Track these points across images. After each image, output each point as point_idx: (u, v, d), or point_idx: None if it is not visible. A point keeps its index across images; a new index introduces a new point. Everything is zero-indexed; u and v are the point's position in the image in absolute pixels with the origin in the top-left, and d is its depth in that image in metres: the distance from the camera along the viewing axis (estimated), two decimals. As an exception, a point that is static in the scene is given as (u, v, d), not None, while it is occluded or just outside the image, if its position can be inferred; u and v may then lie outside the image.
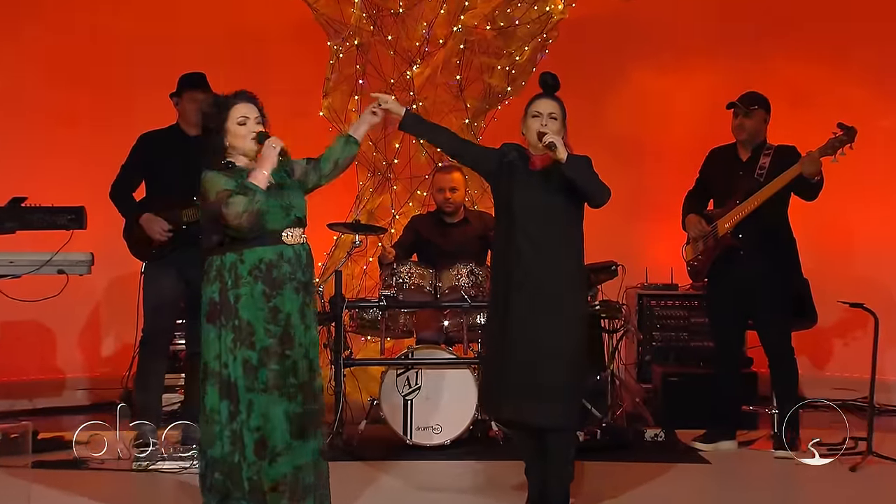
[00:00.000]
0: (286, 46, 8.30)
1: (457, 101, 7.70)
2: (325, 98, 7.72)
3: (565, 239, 4.84)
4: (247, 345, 4.48)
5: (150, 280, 6.24)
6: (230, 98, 4.61)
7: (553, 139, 4.72)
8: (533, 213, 4.81)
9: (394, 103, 4.92)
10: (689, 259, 6.46)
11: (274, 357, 4.48)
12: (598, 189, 4.79)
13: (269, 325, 4.49)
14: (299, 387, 4.51)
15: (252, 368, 4.48)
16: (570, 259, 4.85)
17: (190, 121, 6.27)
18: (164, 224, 6.15)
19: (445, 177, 6.97)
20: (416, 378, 6.35)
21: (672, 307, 7.74)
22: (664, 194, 7.79)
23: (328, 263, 7.46)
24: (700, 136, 7.35)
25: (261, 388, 4.47)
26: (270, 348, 4.48)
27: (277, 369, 4.48)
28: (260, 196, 4.44)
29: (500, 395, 4.81)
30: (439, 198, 6.99)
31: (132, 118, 7.25)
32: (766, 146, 6.25)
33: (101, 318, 8.26)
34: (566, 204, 4.83)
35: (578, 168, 4.74)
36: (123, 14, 8.19)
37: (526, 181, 4.86)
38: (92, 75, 8.11)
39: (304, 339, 4.55)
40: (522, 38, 7.70)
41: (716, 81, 8.27)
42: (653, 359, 7.65)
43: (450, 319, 6.61)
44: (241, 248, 4.52)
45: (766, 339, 6.25)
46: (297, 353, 4.52)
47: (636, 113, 8.66)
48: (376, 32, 7.70)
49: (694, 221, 6.37)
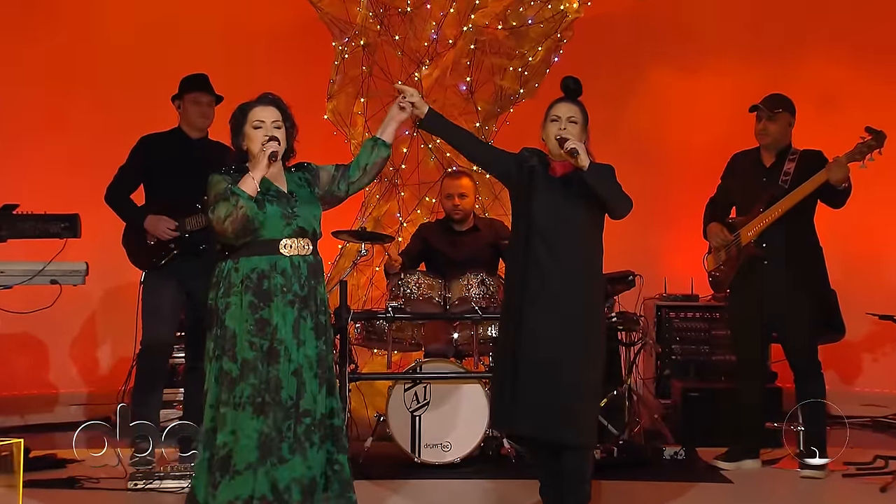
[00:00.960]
0: (288, 47, 8.33)
1: (467, 103, 7.71)
2: (329, 101, 7.75)
3: (585, 249, 4.84)
4: (228, 356, 4.50)
5: (149, 290, 6.23)
6: (250, 102, 4.67)
7: (575, 145, 4.71)
8: (551, 221, 4.81)
9: (419, 98, 4.90)
10: (710, 269, 6.46)
11: (254, 372, 4.47)
12: (621, 200, 4.79)
13: (254, 338, 4.49)
14: (276, 406, 4.47)
15: (231, 381, 4.48)
16: (589, 270, 4.85)
17: (192, 124, 6.29)
18: (171, 222, 6.14)
19: (454, 182, 6.98)
20: (425, 393, 6.34)
21: (692, 319, 7.74)
22: (684, 201, 7.80)
23: (333, 273, 7.47)
24: (723, 140, 7.35)
25: (236, 402, 4.47)
26: (251, 362, 4.48)
27: (256, 384, 4.47)
28: (244, 202, 4.44)
29: (513, 412, 4.80)
30: (447, 204, 6.99)
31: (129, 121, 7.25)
32: (791, 151, 6.24)
33: (96, 331, 8.28)
34: (587, 213, 4.83)
35: (600, 177, 4.74)
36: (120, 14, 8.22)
37: (545, 188, 4.87)
38: (86, 77, 8.15)
39: (297, 356, 4.53)
40: (535, 37, 7.71)
41: (739, 83, 8.27)
42: (672, 373, 7.64)
43: (460, 332, 6.61)
44: (239, 255, 4.56)
45: (791, 352, 6.23)
46: (282, 371, 4.49)
47: (655, 116, 8.67)
48: (383, 32, 7.72)
49: (716, 230, 6.36)
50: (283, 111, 4.66)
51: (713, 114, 8.40)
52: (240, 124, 4.65)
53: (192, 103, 6.30)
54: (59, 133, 8.07)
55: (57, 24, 8.12)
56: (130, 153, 6.33)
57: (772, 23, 8.48)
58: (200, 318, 4.79)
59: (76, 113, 8.15)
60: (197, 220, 6.10)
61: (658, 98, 8.70)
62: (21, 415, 7.74)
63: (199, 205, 5.99)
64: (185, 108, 6.33)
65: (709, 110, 8.48)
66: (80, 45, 8.12)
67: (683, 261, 7.88)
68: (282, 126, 4.63)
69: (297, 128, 4.72)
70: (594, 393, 4.89)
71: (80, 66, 8.12)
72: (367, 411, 6.85)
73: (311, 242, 4.64)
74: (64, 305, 6.00)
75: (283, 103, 4.69)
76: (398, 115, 4.87)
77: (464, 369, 6.41)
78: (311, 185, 4.73)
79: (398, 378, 6.42)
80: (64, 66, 8.10)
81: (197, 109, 6.29)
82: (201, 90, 6.33)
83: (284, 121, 4.64)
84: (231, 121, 4.70)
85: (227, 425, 4.47)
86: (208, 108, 6.32)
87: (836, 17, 8.26)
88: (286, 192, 4.64)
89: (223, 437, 4.47)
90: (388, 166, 7.71)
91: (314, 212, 4.67)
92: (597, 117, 5.05)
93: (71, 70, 8.11)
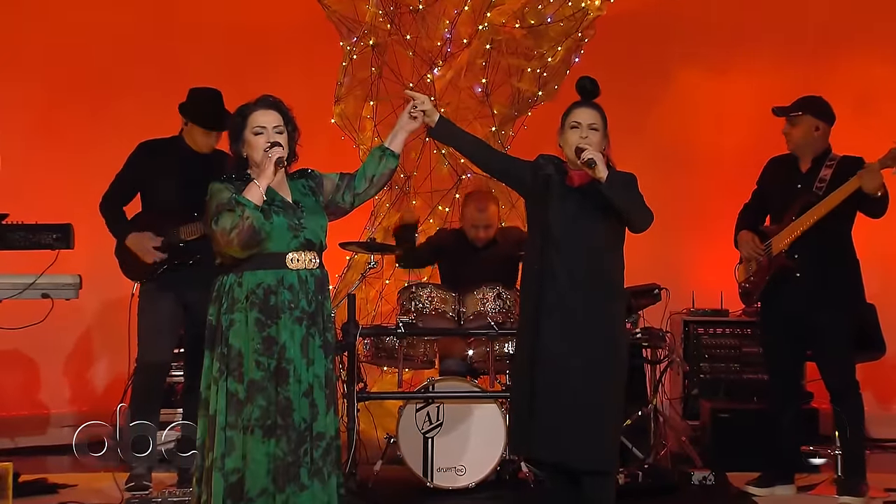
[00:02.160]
0: (294, 47, 8.34)
1: (482, 106, 7.71)
2: (336, 104, 7.75)
3: (604, 262, 4.84)
4: (234, 376, 4.48)
5: (145, 304, 6.22)
6: (249, 105, 4.64)
7: (592, 156, 4.70)
8: (569, 233, 4.81)
9: (430, 105, 4.87)
10: (741, 280, 6.44)
11: (262, 393, 4.46)
12: (640, 213, 4.79)
13: (261, 357, 4.48)
14: (288, 429, 4.46)
15: (238, 403, 4.47)
16: (608, 284, 4.84)
17: (195, 140, 6.22)
18: (156, 240, 6.12)
19: (481, 215, 7.00)
20: (438, 413, 6.34)
21: (722, 335, 7.72)
22: (713, 209, 7.79)
23: (340, 286, 7.48)
24: (754, 143, 7.34)
25: (244, 425, 4.46)
26: (259, 382, 4.46)
27: (264, 406, 4.46)
28: (250, 212, 4.43)
29: (531, 433, 4.79)
30: (471, 233, 7.03)
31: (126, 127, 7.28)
32: (829, 156, 6.21)
33: (90, 348, 8.29)
34: (606, 224, 4.82)
35: (620, 188, 4.73)
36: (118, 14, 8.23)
37: (562, 198, 4.86)
38: (82, 79, 8.16)
39: (306, 376, 4.52)
40: (555, 37, 7.71)
41: (771, 83, 8.25)
42: (700, 393, 7.62)
43: (475, 348, 6.60)
44: (243, 269, 4.54)
45: (826, 371, 6.21)
46: (292, 391, 4.48)
47: (683, 119, 8.66)
48: (394, 31, 7.73)
49: (747, 239, 6.34)
50: (284, 114, 4.64)
51: (744, 116, 8.38)
52: (239, 129, 4.62)
53: (200, 133, 6.22)
54: (51, 138, 8.08)
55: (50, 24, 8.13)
56: (128, 159, 6.32)
57: (806, 20, 8.46)
58: (200, 333, 4.77)
59: (70, 117, 8.16)
60: (192, 229, 6.09)
61: (686, 100, 8.69)
62: (11, 437, 7.73)
63: (196, 213, 5.99)
64: (193, 133, 6.25)
65: (739, 113, 8.45)
66: (75, 45, 8.13)
67: (712, 273, 7.85)
68: (284, 131, 4.61)
69: (299, 131, 4.71)
70: (616, 414, 4.88)
71: (75, 68, 8.13)
72: (377, 433, 6.84)
73: (317, 255, 4.63)
74: (56, 321, 6.00)
75: (284, 106, 4.67)
76: (408, 125, 4.84)
77: (479, 388, 6.40)
78: (315, 194, 4.71)
79: (409, 397, 6.41)
80: (57, 68, 8.11)
81: (204, 140, 6.25)
82: (213, 128, 6.19)
83: (286, 124, 4.63)
84: (229, 125, 4.69)
85: (237, 450, 4.46)
86: (216, 138, 6.26)
87: (874, 15, 8.24)
88: (292, 201, 4.63)
89: (232, 462, 4.45)
90: (398, 173, 7.73)
91: (321, 222, 4.66)
92: (621, 121, 5.05)
93: (65, 72, 8.12)
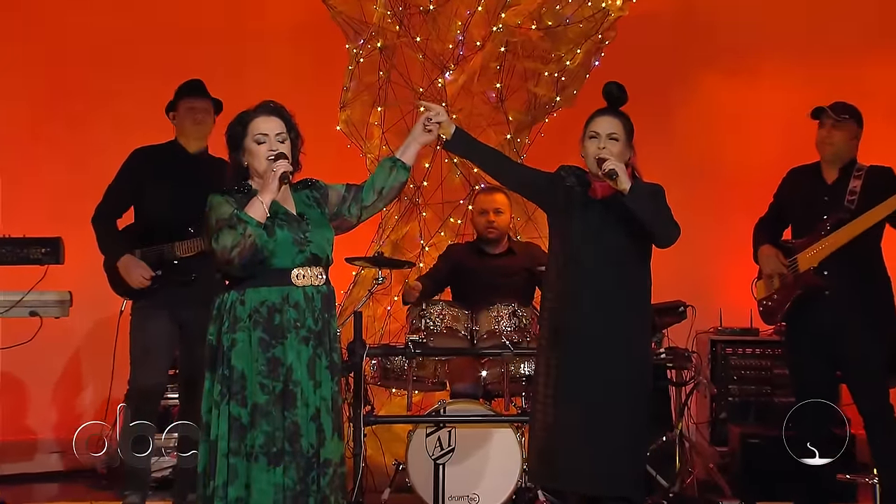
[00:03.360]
0: (297, 50, 8.36)
1: (496, 113, 7.72)
2: (342, 110, 7.76)
3: (629, 279, 4.84)
4: (237, 399, 4.47)
5: (137, 323, 6.21)
6: (249, 111, 4.65)
7: (614, 166, 4.71)
8: (592, 248, 4.81)
9: (445, 117, 4.85)
10: (760, 298, 6.41)
11: (266, 417, 4.46)
12: (665, 226, 4.79)
13: (265, 380, 4.47)
14: (296, 456, 4.46)
15: (241, 428, 4.46)
16: (632, 302, 4.85)
17: (188, 133, 6.28)
18: (147, 271, 6.11)
19: (489, 197, 7.04)
20: (450, 438, 6.33)
21: (752, 356, 7.71)
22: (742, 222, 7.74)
23: (346, 303, 7.48)
24: (783, 153, 7.32)
25: (247, 451, 4.45)
26: (263, 406, 4.46)
27: (269, 431, 4.45)
28: (252, 230, 4.42)
29: (550, 460, 4.80)
30: (481, 221, 7.02)
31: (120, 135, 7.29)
32: (856, 166, 6.19)
33: (80, 369, 8.29)
34: (630, 239, 4.83)
35: (644, 200, 4.73)
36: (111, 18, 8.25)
37: (584, 211, 4.87)
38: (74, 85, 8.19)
39: (313, 399, 4.52)
40: (574, 39, 7.72)
41: (801, 91, 8.24)
42: (729, 417, 7.60)
43: (489, 369, 6.60)
44: (245, 286, 4.53)
45: (859, 396, 6.18)
46: (300, 416, 4.48)
47: (708, 127, 8.66)
48: (403, 33, 7.75)
49: (770, 254, 6.32)
50: (286, 121, 4.64)
51: (773, 125, 8.39)
52: (239, 137, 4.62)
53: (186, 110, 6.29)
54: (41, 147, 8.10)
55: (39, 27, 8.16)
56: (121, 168, 6.32)
57: (837, 24, 8.46)
58: (197, 354, 4.78)
59: (59, 124, 8.18)
60: (189, 246, 6.10)
61: (711, 107, 8.69)
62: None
63: (192, 228, 6.01)
64: (180, 117, 6.31)
65: (768, 120, 8.46)
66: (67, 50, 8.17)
67: (741, 289, 7.79)
68: (286, 139, 4.62)
69: (302, 139, 4.72)
70: (641, 440, 4.88)
71: (63, 73, 8.16)
72: (385, 459, 6.84)
73: (324, 271, 4.63)
74: (44, 340, 6.00)
75: (286, 112, 4.67)
76: (422, 137, 4.83)
77: (493, 412, 6.40)
78: (320, 206, 4.72)
79: (419, 421, 6.41)
80: (48, 74, 8.14)
81: (191, 116, 6.28)
82: (196, 95, 6.32)
83: (289, 132, 4.64)
84: (229, 133, 4.67)
85: (240, 478, 4.45)
86: (205, 115, 6.29)
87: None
88: (296, 214, 4.64)
89: (235, 491, 4.44)
90: (408, 184, 7.74)
91: (327, 236, 4.66)
92: (642, 128, 5.05)
93: (57, 77, 8.15)
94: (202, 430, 4.57)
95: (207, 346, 4.58)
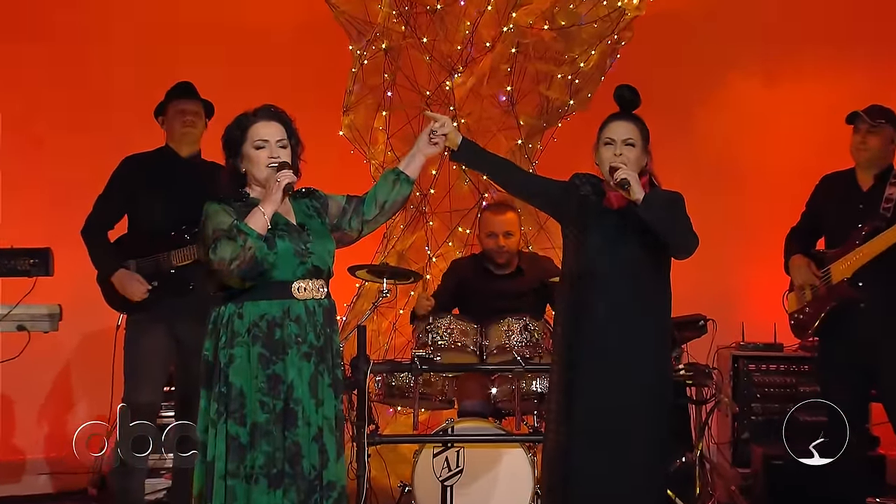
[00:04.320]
0: (297, 52, 8.36)
1: (507, 117, 7.73)
2: (345, 114, 7.77)
3: (646, 291, 4.84)
4: (235, 418, 4.47)
5: (131, 337, 6.22)
6: (248, 115, 4.66)
7: (626, 175, 4.71)
8: (607, 259, 4.81)
9: (451, 128, 4.86)
10: (792, 310, 6.42)
11: (267, 437, 4.46)
12: (683, 237, 4.78)
13: (265, 397, 4.48)
14: (297, 478, 4.46)
15: (240, 448, 4.46)
16: (652, 315, 4.85)
17: (179, 137, 6.29)
18: (144, 285, 6.12)
19: (498, 218, 6.95)
20: (458, 459, 6.33)
21: (776, 372, 7.70)
22: (765, 231, 7.76)
23: (349, 317, 7.48)
24: (812, 158, 7.34)
25: (247, 473, 4.45)
26: (263, 426, 4.46)
27: (269, 452, 4.45)
28: (253, 242, 4.42)
29: (565, 482, 4.80)
30: (490, 244, 6.96)
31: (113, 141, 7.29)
32: (892, 173, 6.20)
33: (70, 386, 8.30)
34: (648, 249, 4.83)
35: (659, 210, 4.73)
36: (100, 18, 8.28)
37: (598, 222, 4.88)
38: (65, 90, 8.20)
39: (315, 419, 4.53)
40: (588, 39, 7.71)
41: (829, 92, 8.25)
42: (752, 437, 7.60)
43: (499, 386, 6.60)
44: (243, 299, 4.54)
45: (894, 413, 6.20)
46: (301, 436, 4.49)
47: (729, 131, 8.66)
48: (409, 34, 7.76)
49: (801, 264, 6.33)
50: (287, 127, 4.66)
51: (801, 128, 8.38)
52: (238, 142, 4.63)
53: (175, 113, 6.31)
54: (30, 154, 8.11)
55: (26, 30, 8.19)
56: (112, 176, 6.34)
57: (872, 22, 8.45)
58: (194, 370, 4.78)
59: (48, 130, 8.19)
60: (185, 254, 6.11)
61: (734, 110, 8.68)
62: (-18, 485, 7.77)
63: (188, 236, 6.03)
64: (170, 120, 6.33)
65: (795, 124, 8.45)
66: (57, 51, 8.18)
67: (764, 302, 7.83)
68: (287, 145, 4.63)
69: (302, 145, 4.73)
70: (660, 461, 4.88)
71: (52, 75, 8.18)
72: (390, 481, 6.85)
73: (325, 283, 4.64)
74: (33, 356, 6.01)
75: (287, 117, 4.69)
76: (427, 149, 4.85)
77: (504, 431, 6.40)
78: (321, 215, 4.73)
79: (426, 441, 6.41)
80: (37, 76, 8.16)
81: (181, 119, 6.29)
82: (185, 97, 6.33)
83: (289, 138, 4.65)
84: (226, 137, 4.68)
85: (238, 501, 4.45)
86: (195, 118, 6.30)
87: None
88: (296, 224, 4.65)
89: None
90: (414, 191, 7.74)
91: (328, 247, 4.67)
92: (659, 133, 5.05)
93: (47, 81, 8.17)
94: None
95: (203, 361, 4.59)
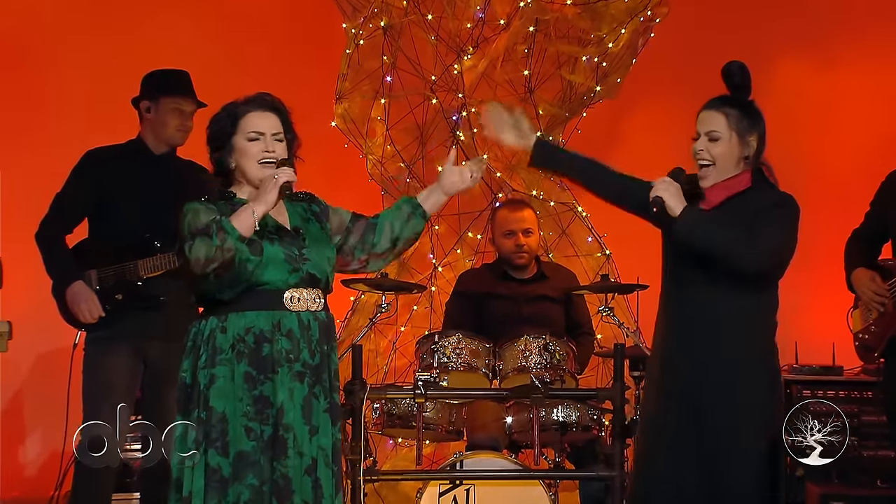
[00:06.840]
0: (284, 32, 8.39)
1: (524, 105, 7.69)
2: (338, 102, 7.78)
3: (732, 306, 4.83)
4: (216, 447, 4.47)
5: (91, 358, 6.23)
6: (240, 104, 4.65)
7: (660, 193, 4.72)
8: (689, 267, 4.82)
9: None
10: (857, 330, 6.44)
11: (253, 468, 4.46)
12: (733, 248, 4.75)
13: (252, 423, 4.48)
14: None
15: (221, 482, 4.46)
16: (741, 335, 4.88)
17: (167, 137, 6.27)
18: (96, 306, 6.11)
19: (515, 215, 6.99)
20: (468, 497, 6.35)
21: (834, 399, 7.69)
22: (825, 235, 7.76)
23: (343, 334, 7.49)
24: (876, 154, 7.37)
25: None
26: (249, 455, 4.46)
27: (256, 486, 4.45)
28: (232, 242, 4.39)
29: None
30: (508, 245, 6.99)
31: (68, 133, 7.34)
32: (971, 169, 6.25)
33: (21, 415, 8.33)
34: None
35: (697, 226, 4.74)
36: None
37: None
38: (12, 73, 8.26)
39: (309, 448, 4.54)
40: (617, 16, 7.71)
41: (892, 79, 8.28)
42: (806, 473, 7.61)
43: (514, 415, 6.61)
44: (228, 310, 4.53)
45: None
46: (292, 467, 4.49)
47: (785, 123, 8.61)
48: (411, 10, 7.77)
49: (865, 278, 6.33)
50: (284, 119, 4.67)
51: (863, 118, 8.40)
52: (227, 133, 4.61)
53: (171, 111, 6.29)
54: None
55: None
56: (72, 172, 6.34)
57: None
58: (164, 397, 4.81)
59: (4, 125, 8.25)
60: (154, 264, 6.12)
61: (789, 99, 8.67)
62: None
63: (158, 243, 6.05)
64: (161, 115, 6.30)
65: (857, 113, 8.47)
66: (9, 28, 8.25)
67: (821, 321, 7.85)
68: (283, 139, 4.64)
69: (299, 141, 4.74)
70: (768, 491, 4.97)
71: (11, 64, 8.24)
72: (390, 522, 6.89)
73: (322, 294, 4.64)
74: (-20, 379, 6.07)
75: (284, 108, 4.69)
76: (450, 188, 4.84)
77: (521, 466, 6.42)
78: (320, 221, 4.74)
79: (431, 478, 6.43)
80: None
81: (177, 120, 6.29)
82: (185, 94, 6.32)
83: (286, 132, 4.66)
84: (214, 127, 4.66)
85: None
86: (190, 121, 6.32)
87: None
88: (290, 228, 4.65)
89: None
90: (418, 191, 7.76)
91: (327, 254, 4.67)
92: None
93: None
94: (172, 487, 4.57)
95: (179, 384, 4.58)
